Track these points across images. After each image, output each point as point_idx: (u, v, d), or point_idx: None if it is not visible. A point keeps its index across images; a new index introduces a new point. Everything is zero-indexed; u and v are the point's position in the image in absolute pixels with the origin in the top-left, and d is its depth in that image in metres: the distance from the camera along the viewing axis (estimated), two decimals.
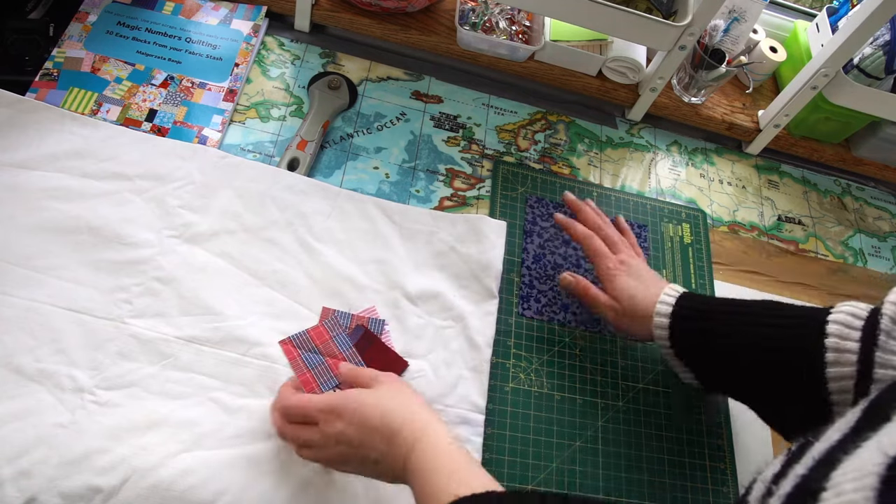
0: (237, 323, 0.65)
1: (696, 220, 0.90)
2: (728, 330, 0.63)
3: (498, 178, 0.84)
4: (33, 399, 0.58)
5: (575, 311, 0.77)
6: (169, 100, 0.77)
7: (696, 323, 0.65)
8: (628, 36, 0.85)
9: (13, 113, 0.70)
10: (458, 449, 0.50)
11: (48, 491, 0.54)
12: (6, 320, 0.60)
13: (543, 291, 0.77)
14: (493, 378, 0.70)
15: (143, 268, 0.66)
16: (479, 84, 0.93)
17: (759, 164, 1.01)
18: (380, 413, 0.53)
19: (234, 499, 0.57)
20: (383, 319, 0.69)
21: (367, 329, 0.67)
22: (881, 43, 0.89)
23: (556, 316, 0.76)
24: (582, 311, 0.78)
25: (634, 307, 0.69)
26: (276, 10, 0.89)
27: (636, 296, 0.69)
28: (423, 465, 0.49)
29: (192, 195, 0.71)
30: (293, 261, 0.70)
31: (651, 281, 0.71)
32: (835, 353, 0.55)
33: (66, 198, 0.67)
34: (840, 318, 0.56)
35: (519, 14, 0.94)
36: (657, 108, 0.97)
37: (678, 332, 0.65)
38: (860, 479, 0.28)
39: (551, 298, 0.77)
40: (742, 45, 0.97)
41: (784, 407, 0.59)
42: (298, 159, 0.77)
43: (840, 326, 0.55)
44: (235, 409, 0.61)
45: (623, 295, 0.70)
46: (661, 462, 0.71)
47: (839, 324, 0.56)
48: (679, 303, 0.66)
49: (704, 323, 0.64)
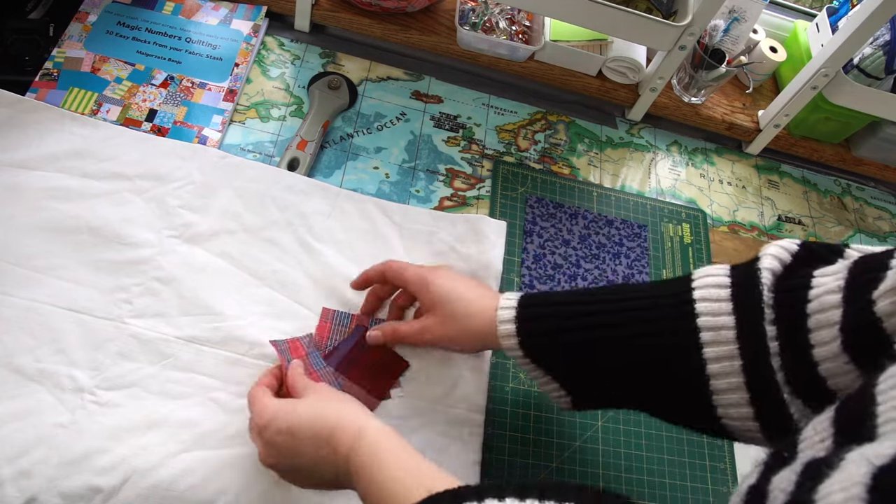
0: (237, 323, 0.65)
1: (696, 220, 0.90)
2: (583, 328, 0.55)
3: (498, 178, 0.84)
4: (33, 399, 0.58)
5: None
6: (169, 100, 0.77)
7: (545, 322, 0.56)
8: (628, 36, 0.85)
9: (13, 113, 0.70)
10: (403, 445, 0.48)
11: (48, 491, 0.54)
12: (6, 320, 0.60)
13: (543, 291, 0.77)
14: (493, 378, 0.70)
15: (143, 268, 0.66)
16: (479, 84, 0.93)
17: (759, 164, 1.01)
18: (307, 419, 0.51)
19: (234, 499, 0.57)
20: (384, 319, 0.69)
21: (367, 328, 0.67)
22: (881, 43, 0.89)
23: None
24: None
25: (455, 309, 0.60)
26: (276, 10, 0.89)
27: (462, 294, 0.60)
28: (370, 463, 0.47)
29: (192, 195, 0.71)
30: (293, 261, 0.70)
31: (475, 283, 0.63)
32: (711, 333, 0.49)
33: (66, 198, 0.67)
34: (706, 294, 0.51)
35: (519, 14, 0.94)
36: (657, 108, 0.97)
37: (528, 340, 0.57)
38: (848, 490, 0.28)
39: None
40: (742, 45, 0.97)
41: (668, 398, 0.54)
42: (298, 159, 0.77)
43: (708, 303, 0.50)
44: (235, 409, 0.61)
45: (445, 296, 0.61)
46: (661, 462, 0.71)
47: (706, 300, 0.50)
48: (522, 303, 0.58)
49: (555, 321, 0.56)
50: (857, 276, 0.46)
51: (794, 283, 0.50)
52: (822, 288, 0.47)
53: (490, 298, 0.60)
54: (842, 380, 0.46)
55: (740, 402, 0.49)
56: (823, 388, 0.47)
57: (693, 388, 0.50)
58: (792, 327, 0.48)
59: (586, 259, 0.81)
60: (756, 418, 0.49)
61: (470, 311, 0.60)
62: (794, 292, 0.49)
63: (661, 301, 0.53)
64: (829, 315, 0.46)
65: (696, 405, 0.51)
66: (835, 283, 0.47)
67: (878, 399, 0.34)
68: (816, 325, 0.47)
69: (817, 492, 0.30)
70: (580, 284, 0.79)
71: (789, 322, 0.48)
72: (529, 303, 0.58)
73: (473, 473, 0.64)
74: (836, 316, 0.46)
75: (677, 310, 0.52)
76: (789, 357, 0.48)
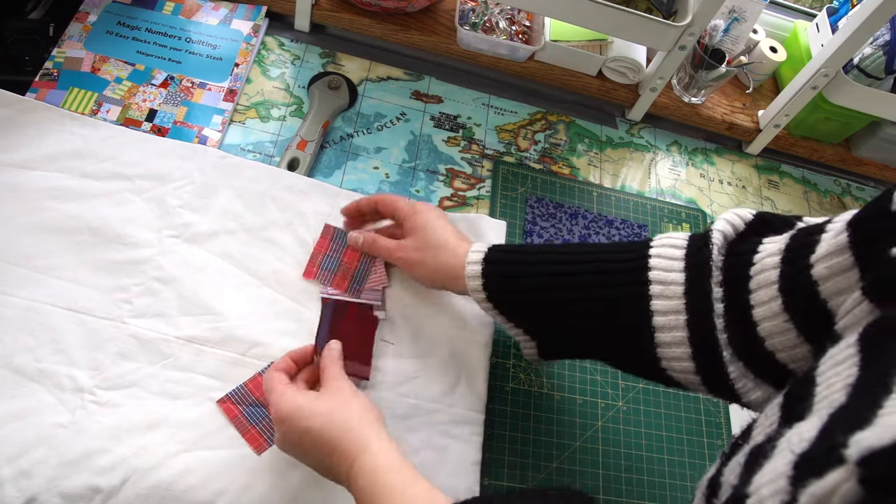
0: (237, 323, 0.65)
1: (696, 220, 0.90)
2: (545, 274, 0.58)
3: (498, 178, 0.84)
4: (33, 399, 0.58)
5: None
6: (169, 100, 0.77)
7: (510, 271, 0.59)
8: (628, 36, 0.85)
9: (13, 113, 0.70)
10: (398, 466, 0.49)
11: (48, 491, 0.54)
12: (6, 320, 0.60)
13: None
14: (493, 378, 0.70)
15: (143, 268, 0.66)
16: (479, 84, 0.93)
17: (759, 164, 1.01)
18: (318, 428, 0.52)
19: (234, 499, 0.57)
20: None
21: (336, 302, 0.68)
22: (881, 43, 0.89)
23: None
24: None
25: (432, 239, 0.63)
26: (276, 10, 0.89)
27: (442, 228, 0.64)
28: (363, 485, 0.49)
29: (192, 195, 0.71)
30: (293, 261, 0.70)
31: (458, 229, 0.66)
32: (660, 286, 0.52)
33: (66, 198, 0.67)
34: (661, 252, 0.53)
35: (519, 14, 0.94)
36: (657, 108, 0.97)
37: (492, 283, 0.59)
38: (774, 482, 0.28)
39: None
40: (742, 45, 0.97)
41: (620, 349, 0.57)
42: (298, 159, 0.77)
43: (662, 260, 0.53)
44: None
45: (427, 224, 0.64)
46: (661, 462, 0.71)
47: (660, 257, 0.53)
48: (491, 248, 0.61)
49: (519, 273, 0.58)
50: (797, 239, 0.48)
51: (742, 248, 0.51)
52: (765, 252, 0.49)
53: (466, 242, 0.63)
54: (781, 341, 0.47)
55: (682, 356, 0.51)
56: (763, 349, 0.48)
57: (640, 338, 0.53)
58: (736, 289, 0.50)
59: None
60: (697, 372, 0.52)
61: (445, 245, 0.63)
62: (742, 256, 0.51)
63: (620, 256, 0.55)
64: (767, 275, 0.48)
65: (643, 356, 0.53)
66: (776, 247, 0.49)
67: (816, 380, 0.34)
68: (756, 286, 0.48)
69: (751, 483, 0.30)
70: None
71: (734, 283, 0.50)
72: (498, 249, 0.61)
73: (473, 473, 0.64)
74: (774, 276, 0.47)
75: (633, 263, 0.54)
76: (732, 317, 0.50)
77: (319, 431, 0.52)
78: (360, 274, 0.70)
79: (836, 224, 0.45)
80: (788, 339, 0.47)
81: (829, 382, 0.33)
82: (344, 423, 0.52)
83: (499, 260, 0.60)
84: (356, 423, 0.52)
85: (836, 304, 0.42)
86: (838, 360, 0.34)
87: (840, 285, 0.42)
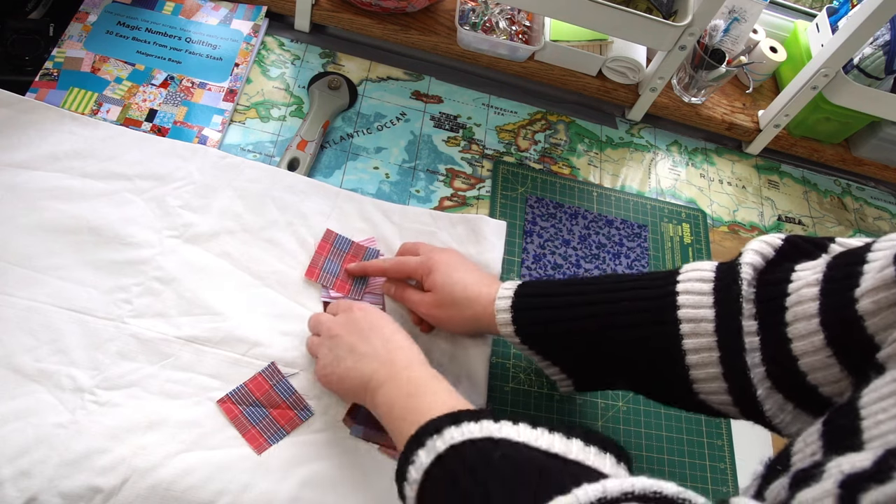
0: (237, 323, 0.65)
1: (696, 220, 0.90)
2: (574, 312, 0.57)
3: (498, 178, 0.84)
4: (33, 399, 0.58)
5: None
6: (169, 100, 0.77)
7: (539, 313, 0.59)
8: (628, 36, 0.85)
9: (13, 113, 0.70)
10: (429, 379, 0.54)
11: (48, 491, 0.54)
12: (6, 320, 0.60)
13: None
14: (493, 378, 0.70)
15: (143, 268, 0.66)
16: (479, 84, 0.93)
17: (759, 164, 1.01)
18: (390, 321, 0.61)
19: (233, 499, 0.57)
20: (378, 250, 0.72)
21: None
22: (881, 43, 0.89)
23: None
24: None
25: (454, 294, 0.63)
26: (276, 10, 0.89)
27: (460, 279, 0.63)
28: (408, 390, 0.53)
29: (193, 195, 0.71)
30: (293, 261, 0.70)
31: (474, 268, 0.66)
32: (690, 325, 0.51)
33: (67, 198, 0.67)
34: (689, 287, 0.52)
35: (519, 14, 0.94)
36: (657, 108, 0.97)
37: (524, 328, 0.59)
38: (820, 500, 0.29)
39: None
40: (742, 45, 0.97)
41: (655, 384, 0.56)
42: (298, 159, 0.77)
43: (690, 296, 0.52)
44: None
45: (444, 283, 0.64)
46: (660, 462, 0.71)
47: (689, 293, 0.52)
48: (518, 292, 0.60)
49: (548, 312, 0.58)
50: (835, 269, 0.47)
51: (774, 278, 0.50)
52: (801, 281, 0.48)
53: (487, 286, 0.63)
54: (824, 375, 0.46)
55: (719, 390, 0.51)
56: (805, 383, 0.47)
57: (675, 375, 0.52)
58: (771, 321, 0.49)
59: (586, 259, 0.81)
60: (735, 404, 0.51)
61: (468, 299, 0.63)
62: (775, 286, 0.50)
63: (647, 293, 0.55)
64: (806, 308, 0.47)
65: (680, 390, 0.53)
66: (813, 277, 0.47)
67: (861, 413, 0.34)
68: (794, 318, 0.47)
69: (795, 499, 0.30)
70: None
71: (768, 315, 0.49)
72: (525, 292, 0.60)
73: None
74: (813, 309, 0.46)
75: (660, 301, 0.53)
76: (769, 352, 0.49)
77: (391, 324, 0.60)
78: (361, 278, 0.70)
79: (879, 254, 0.43)
80: (832, 374, 0.46)
81: (876, 418, 0.33)
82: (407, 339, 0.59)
83: (527, 306, 0.59)
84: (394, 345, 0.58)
85: (882, 338, 0.42)
86: (884, 394, 0.34)
87: (888, 320, 0.42)
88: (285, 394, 0.63)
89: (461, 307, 0.63)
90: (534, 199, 0.84)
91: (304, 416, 0.62)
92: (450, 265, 0.65)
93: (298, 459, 0.60)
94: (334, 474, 0.60)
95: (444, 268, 0.65)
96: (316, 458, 0.61)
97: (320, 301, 0.69)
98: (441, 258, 0.66)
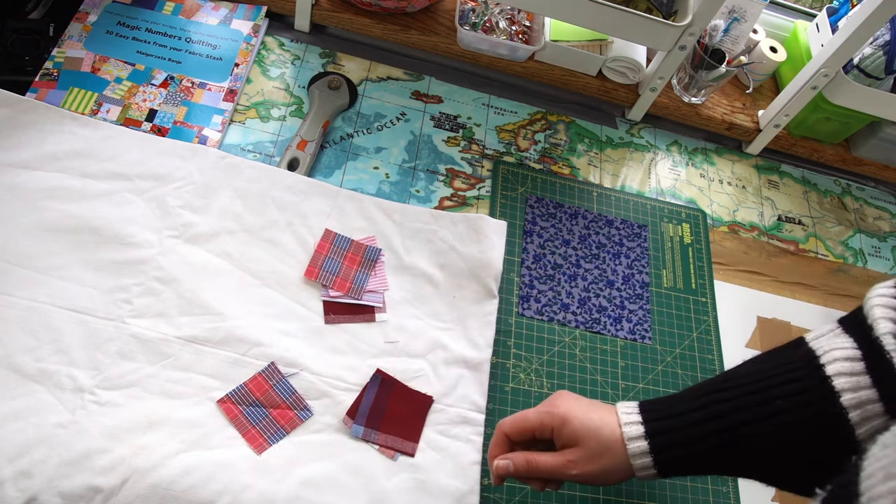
0: (237, 323, 0.65)
1: (696, 220, 0.90)
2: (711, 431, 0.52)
3: (498, 178, 0.84)
4: (33, 399, 0.58)
5: (575, 311, 0.77)
6: (169, 100, 0.77)
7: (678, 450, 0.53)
8: (628, 36, 0.85)
9: (13, 113, 0.70)
10: None
11: (48, 491, 0.54)
12: (6, 320, 0.60)
13: (543, 291, 0.77)
14: (493, 378, 0.70)
15: (143, 268, 0.66)
16: (479, 84, 0.93)
17: (759, 164, 1.01)
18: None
19: (233, 499, 0.57)
20: (379, 248, 0.72)
21: (384, 376, 0.66)
22: (881, 43, 0.89)
23: (556, 316, 0.76)
24: (582, 311, 0.78)
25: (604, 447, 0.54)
26: (276, 10, 0.89)
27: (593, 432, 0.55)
28: None
29: (193, 195, 0.71)
30: (293, 261, 0.70)
31: (592, 402, 0.59)
32: (857, 411, 0.47)
33: (67, 198, 0.67)
34: (840, 369, 0.48)
35: (519, 14, 0.94)
36: (657, 108, 0.97)
37: (665, 469, 0.54)
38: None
39: (551, 298, 0.77)
40: (742, 45, 0.97)
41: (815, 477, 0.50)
42: (298, 159, 0.77)
43: (846, 378, 0.48)
44: None
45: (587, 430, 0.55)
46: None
47: (843, 375, 0.48)
48: (653, 438, 0.53)
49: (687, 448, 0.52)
50: None
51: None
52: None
53: (612, 421, 0.55)
54: None
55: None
56: None
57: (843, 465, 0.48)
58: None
59: (586, 259, 0.81)
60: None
61: (609, 444, 0.55)
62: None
63: (791, 387, 0.50)
64: None
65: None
66: None
67: None
68: None
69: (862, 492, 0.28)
70: (580, 284, 0.79)
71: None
72: (652, 417, 0.54)
73: (473, 473, 0.64)
74: None
75: (817, 408, 0.49)
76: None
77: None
78: (360, 277, 0.70)
79: None
80: None
81: None
82: None
83: (664, 446, 0.53)
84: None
85: None
86: None
87: None
88: (285, 394, 0.63)
89: (610, 458, 0.54)
90: (534, 199, 0.84)
91: (304, 416, 0.62)
92: (578, 410, 0.56)
93: (298, 459, 0.60)
94: (334, 474, 0.60)
95: (574, 412, 0.56)
96: (316, 458, 0.61)
97: (320, 300, 0.69)
98: (566, 408, 0.57)
